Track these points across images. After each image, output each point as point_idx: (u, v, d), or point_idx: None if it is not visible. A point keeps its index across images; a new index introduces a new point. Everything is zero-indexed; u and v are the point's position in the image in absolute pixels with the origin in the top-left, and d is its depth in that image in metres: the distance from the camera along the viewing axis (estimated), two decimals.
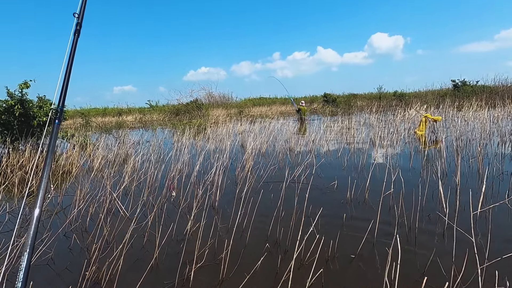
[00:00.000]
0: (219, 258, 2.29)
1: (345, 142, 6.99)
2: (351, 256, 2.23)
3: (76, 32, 1.54)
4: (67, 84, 1.49)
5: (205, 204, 3.42)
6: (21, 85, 6.89)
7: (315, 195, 3.58)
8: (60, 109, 1.46)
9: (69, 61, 1.51)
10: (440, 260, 2.09)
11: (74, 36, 1.53)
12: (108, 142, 8.30)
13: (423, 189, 3.50)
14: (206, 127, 12.15)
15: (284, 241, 2.50)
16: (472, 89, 18.79)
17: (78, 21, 1.55)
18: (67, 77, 1.50)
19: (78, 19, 1.56)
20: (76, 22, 1.55)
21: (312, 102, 24.68)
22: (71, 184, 4.48)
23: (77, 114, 18.08)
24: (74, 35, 1.53)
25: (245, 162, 5.10)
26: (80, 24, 1.56)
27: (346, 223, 2.80)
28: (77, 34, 1.55)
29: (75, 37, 1.53)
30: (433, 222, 2.71)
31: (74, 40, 1.53)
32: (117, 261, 2.22)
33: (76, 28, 1.55)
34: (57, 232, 2.87)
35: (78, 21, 1.55)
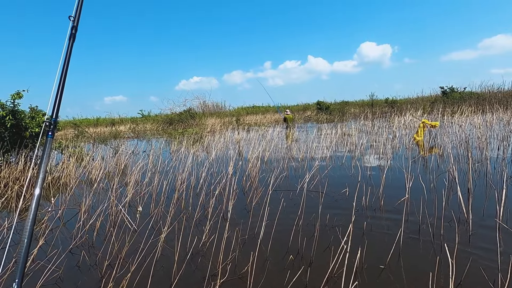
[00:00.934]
0: (241, 272, 2.18)
1: (348, 149, 6.98)
2: (381, 266, 2.15)
3: (71, 36, 1.42)
4: (61, 93, 1.36)
5: (215, 215, 3.30)
6: (13, 96, 6.68)
7: (328, 203, 3.50)
8: (53, 120, 1.34)
9: (64, 68, 1.38)
10: (473, 270, 2.03)
11: (69, 41, 1.41)
12: (103, 152, 8.08)
13: (437, 195, 3.47)
14: (202, 136, 12.01)
15: (306, 252, 2.40)
16: (460, 96, 19.28)
17: (73, 25, 1.43)
18: (62, 85, 1.37)
19: (74, 22, 1.43)
20: (72, 26, 1.42)
21: (305, 109, 24.86)
22: (70, 197, 4.27)
23: (69, 124, 17.64)
24: (69, 40, 1.41)
25: (250, 171, 5.00)
26: (76, 27, 1.44)
27: (367, 231, 2.72)
28: (72, 39, 1.42)
29: (70, 42, 1.40)
30: (454, 229, 2.66)
31: (69, 45, 1.40)
32: (132, 279, 2.08)
33: (72, 32, 1.42)
34: (63, 249, 2.70)
35: (74, 24, 1.43)
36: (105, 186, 5.05)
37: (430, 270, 1.91)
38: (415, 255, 2.31)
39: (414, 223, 2.80)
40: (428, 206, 3.07)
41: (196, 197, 4.02)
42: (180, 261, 2.32)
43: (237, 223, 3.10)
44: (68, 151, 7.32)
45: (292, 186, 4.31)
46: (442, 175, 4.26)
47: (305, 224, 2.94)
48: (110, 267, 2.34)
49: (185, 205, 3.75)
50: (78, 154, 7.21)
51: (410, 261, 2.21)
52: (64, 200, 4.10)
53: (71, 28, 1.42)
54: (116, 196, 3.56)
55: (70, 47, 1.41)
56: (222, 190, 3.98)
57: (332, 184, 4.29)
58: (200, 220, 3.28)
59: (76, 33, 1.44)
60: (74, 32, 1.43)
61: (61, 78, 1.37)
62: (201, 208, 3.55)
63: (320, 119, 18.57)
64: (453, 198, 3.39)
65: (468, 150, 5.22)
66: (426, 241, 2.48)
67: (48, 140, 1.31)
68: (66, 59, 1.39)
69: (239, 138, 10.29)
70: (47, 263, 2.32)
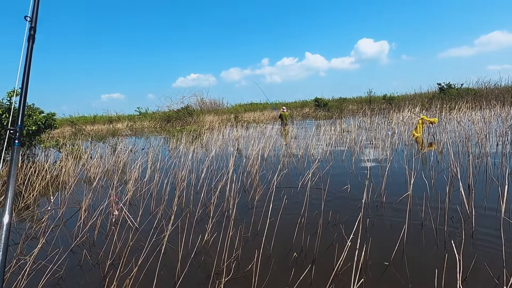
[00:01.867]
0: (245, 270, 2.16)
1: (347, 145, 6.98)
2: (385, 263, 2.14)
3: (30, 37, 1.32)
4: (25, 98, 1.26)
5: (217, 213, 3.28)
6: (9, 93, 6.59)
7: (330, 200, 3.50)
8: (19, 128, 1.23)
9: (25, 71, 1.27)
10: (478, 266, 2.03)
11: (28, 42, 1.31)
12: (101, 150, 8.02)
13: (438, 191, 3.48)
14: (200, 133, 11.96)
15: (310, 250, 2.39)
16: (458, 92, 19.35)
17: (31, 25, 1.34)
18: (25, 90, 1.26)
19: (31, 23, 1.34)
20: (30, 27, 1.33)
21: (303, 106, 24.84)
22: (69, 196, 4.23)
23: (66, 122, 17.51)
24: (28, 42, 1.31)
25: (250, 168, 4.98)
26: (34, 28, 1.34)
27: (370, 228, 2.72)
28: (31, 40, 1.33)
29: (29, 44, 1.31)
30: (457, 225, 2.67)
31: (29, 47, 1.31)
32: (136, 278, 2.06)
33: (30, 33, 1.33)
34: (64, 248, 2.67)
35: (32, 25, 1.34)
36: (104, 184, 5.01)
37: (434, 266, 1.91)
38: (419, 251, 2.31)
39: (417, 219, 2.80)
40: (430, 203, 3.08)
41: (197, 194, 4.00)
42: (183, 260, 2.30)
43: (240, 220, 3.09)
44: (65, 149, 7.26)
45: (293, 183, 4.30)
46: (442, 172, 4.27)
47: (308, 222, 2.93)
48: (113, 266, 2.32)
49: (186, 203, 3.73)
50: (76, 152, 7.15)
51: (414, 257, 2.21)
52: (64, 199, 4.06)
53: (29, 29, 1.33)
54: (117, 194, 3.53)
55: (30, 50, 1.32)
56: (223, 187, 3.96)
57: (333, 181, 4.28)
58: (202, 218, 3.27)
59: (35, 34, 1.35)
60: (33, 33, 1.34)
61: (23, 82, 1.26)
62: (203, 206, 3.54)
63: (318, 116, 18.57)
64: (454, 194, 3.39)
65: (468, 146, 5.24)
66: (429, 237, 2.48)
67: (15, 148, 1.20)
68: (27, 62, 1.30)
69: (238, 135, 10.26)
70: (48, 263, 2.29)
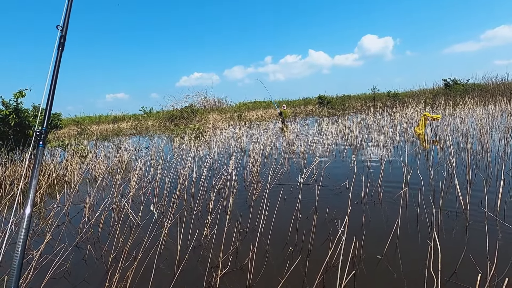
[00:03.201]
0: (242, 263, 2.24)
1: (348, 142, 7.00)
2: (378, 257, 2.20)
3: (60, 46, 1.40)
4: (51, 103, 1.33)
5: (216, 209, 3.36)
6: (16, 94, 6.74)
7: (328, 196, 3.55)
8: (44, 130, 1.31)
9: (53, 78, 1.34)
10: (467, 258, 2.08)
11: (58, 50, 1.39)
12: (106, 150, 8.16)
13: (435, 187, 3.51)
14: (204, 132, 12.07)
15: (306, 244, 2.46)
16: (463, 88, 19.16)
17: (62, 34, 1.41)
18: (52, 95, 1.33)
19: (62, 32, 1.42)
20: (60, 35, 1.41)
21: (307, 104, 24.82)
22: (75, 194, 4.35)
23: (71, 122, 17.79)
24: (58, 49, 1.39)
25: (251, 165, 5.05)
26: (64, 37, 1.42)
27: (366, 223, 2.77)
28: (61, 48, 1.40)
29: (59, 52, 1.39)
30: (452, 219, 2.70)
31: (58, 55, 1.39)
32: (137, 271, 2.15)
33: (60, 41, 1.40)
34: (70, 243, 2.77)
35: (62, 33, 1.42)
36: (109, 182, 5.13)
37: (426, 260, 1.95)
38: (412, 245, 2.35)
39: (413, 215, 2.84)
40: (427, 198, 3.11)
41: (198, 191, 4.09)
42: (182, 254, 2.39)
43: (238, 216, 3.16)
44: (71, 149, 7.41)
45: (292, 180, 4.36)
46: (441, 168, 4.29)
47: (305, 217, 2.99)
48: (116, 260, 2.41)
49: (187, 199, 3.82)
50: (82, 151, 7.30)
51: (407, 251, 2.26)
52: (69, 197, 4.18)
53: (60, 38, 1.41)
54: (119, 192, 3.63)
55: (59, 57, 1.39)
56: (223, 184, 4.04)
57: (332, 178, 4.33)
58: (202, 214, 3.35)
59: (64, 42, 1.42)
60: (62, 42, 1.41)
61: (51, 87, 1.33)
62: (203, 202, 3.62)
63: (322, 113, 18.55)
64: (452, 190, 3.42)
65: (468, 142, 5.23)
66: (424, 232, 2.53)
67: (39, 149, 1.27)
68: (56, 68, 1.36)
69: (241, 133, 10.34)
70: (55, 257, 2.39)
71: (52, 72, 1.35)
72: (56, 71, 1.36)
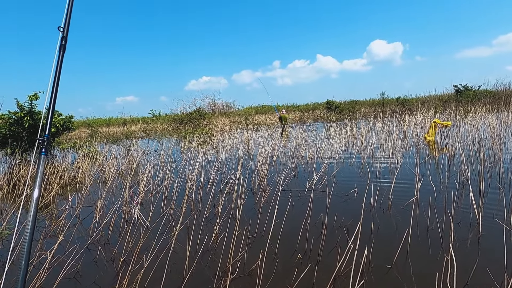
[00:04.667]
0: (250, 269, 2.24)
1: (357, 149, 6.95)
2: (387, 266, 2.17)
3: (61, 47, 1.37)
4: (53, 107, 1.29)
5: (224, 214, 3.37)
6: (30, 97, 6.92)
7: (336, 203, 3.53)
8: (46, 137, 1.25)
9: (55, 80, 1.30)
10: (479, 269, 2.04)
11: (59, 52, 1.36)
12: (116, 152, 8.28)
13: (446, 195, 3.45)
14: (211, 136, 12.14)
15: (314, 252, 2.45)
16: (475, 94, 18.82)
17: (63, 35, 1.38)
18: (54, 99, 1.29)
19: (64, 33, 1.38)
20: (61, 37, 1.37)
21: (314, 109, 24.75)
22: (85, 195, 4.43)
23: (82, 124, 18.14)
24: (59, 51, 1.36)
25: (259, 170, 5.06)
26: (65, 38, 1.38)
27: (375, 231, 2.75)
28: (62, 50, 1.37)
29: (60, 53, 1.36)
30: (464, 230, 2.65)
31: (60, 57, 1.35)
32: (146, 274, 2.18)
33: (61, 43, 1.37)
34: (81, 245, 2.82)
35: (64, 35, 1.38)
36: (119, 184, 5.20)
37: (438, 270, 1.93)
38: (423, 255, 2.32)
39: (423, 224, 2.80)
40: (438, 207, 3.07)
41: (206, 196, 4.12)
42: (191, 258, 2.40)
43: (246, 221, 3.17)
44: (82, 151, 7.55)
45: (300, 186, 4.35)
46: (453, 176, 4.22)
47: (313, 224, 2.98)
48: (125, 263, 2.44)
49: (195, 203, 3.85)
50: (92, 153, 7.43)
51: (418, 261, 2.23)
52: (80, 199, 4.26)
53: (61, 39, 1.37)
54: (130, 195, 3.68)
55: (61, 58, 1.35)
56: (231, 189, 4.05)
57: (340, 185, 4.31)
58: (210, 218, 3.37)
59: (66, 43, 1.38)
60: (64, 43, 1.38)
61: (52, 92, 1.29)
62: (211, 207, 3.64)
63: (330, 118, 18.47)
64: (464, 199, 3.36)
65: (481, 150, 5.13)
66: (435, 242, 2.49)
67: (42, 158, 1.23)
68: (57, 71, 1.32)
69: (248, 138, 10.37)
70: (66, 258, 2.44)
71: (54, 75, 1.31)
72: (57, 74, 1.33)
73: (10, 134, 6.91)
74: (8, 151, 6.93)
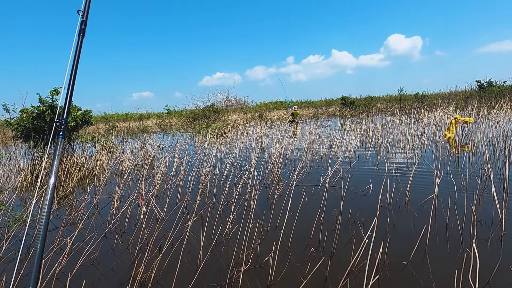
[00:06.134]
0: (263, 261, 2.24)
1: (373, 145, 6.80)
2: (403, 262, 2.12)
3: (81, 31, 1.33)
4: (71, 92, 1.26)
5: (238, 206, 3.39)
6: (52, 92, 7.16)
7: (351, 199, 3.47)
8: (64, 120, 1.23)
9: (74, 65, 1.28)
10: (502, 268, 1.95)
11: (78, 36, 1.32)
12: (132, 146, 8.48)
13: (468, 193, 3.33)
14: (225, 131, 12.21)
15: (328, 246, 2.42)
16: (499, 90, 17.98)
17: (83, 19, 1.34)
18: (72, 84, 1.26)
19: (83, 17, 1.35)
20: (81, 21, 1.34)
21: (329, 105, 24.41)
22: (103, 187, 4.57)
23: (101, 119, 18.66)
24: (78, 36, 1.32)
25: (272, 165, 5.05)
26: (85, 22, 1.35)
27: (390, 227, 2.68)
28: (82, 34, 1.33)
29: (79, 38, 1.32)
30: (486, 228, 2.55)
31: (79, 41, 1.31)
32: (161, 263, 2.22)
33: (81, 27, 1.33)
34: (99, 234, 2.92)
35: (83, 19, 1.35)
36: (134, 177, 5.33)
37: (457, 268, 1.86)
38: (442, 253, 2.25)
39: (442, 221, 2.71)
40: (458, 205, 2.96)
41: (220, 189, 4.15)
42: (205, 249, 2.43)
43: (260, 215, 3.17)
44: (100, 144, 7.78)
45: (314, 181, 4.31)
46: (474, 173, 4.06)
47: (327, 219, 2.95)
48: (141, 252, 2.50)
49: (209, 196, 3.89)
50: (110, 147, 7.64)
51: (436, 258, 2.16)
52: (98, 189, 4.39)
53: (81, 23, 1.34)
54: (145, 187, 3.76)
55: (80, 43, 1.32)
56: (245, 183, 4.06)
57: (355, 180, 4.23)
58: (224, 211, 3.39)
59: (85, 28, 1.35)
60: (83, 27, 1.34)
61: (71, 76, 1.27)
62: (225, 200, 3.66)
63: (344, 114, 18.17)
64: (486, 197, 3.23)
65: (507, 148, 4.90)
66: (455, 240, 2.40)
67: (60, 141, 1.22)
68: (76, 55, 1.29)
69: (262, 133, 10.36)
70: (85, 245, 2.52)
71: (73, 60, 1.28)
72: (76, 59, 1.30)
73: (33, 128, 7.20)
74: (31, 144, 7.24)
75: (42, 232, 1.09)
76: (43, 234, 1.09)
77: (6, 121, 8.30)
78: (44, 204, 1.14)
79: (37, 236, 1.07)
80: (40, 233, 1.08)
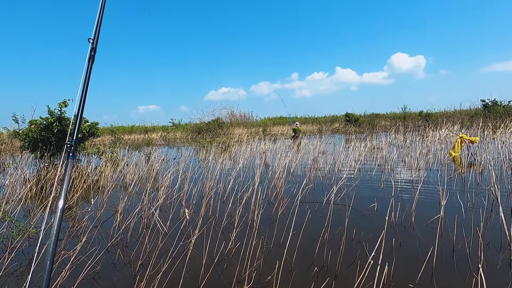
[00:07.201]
0: (266, 280, 2.21)
1: (377, 162, 6.77)
2: (410, 285, 2.07)
3: (90, 58, 1.43)
4: (81, 115, 1.36)
5: (241, 223, 3.36)
6: (60, 104, 7.32)
7: (355, 218, 3.43)
8: (74, 142, 1.33)
9: (84, 90, 1.37)
10: None
11: (88, 62, 1.42)
12: (137, 159, 8.53)
13: (474, 215, 3.28)
14: (229, 145, 12.26)
15: (332, 266, 2.38)
16: (505, 109, 17.94)
17: (93, 47, 1.45)
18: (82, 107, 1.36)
19: (93, 45, 1.45)
20: (91, 48, 1.44)
21: (333, 121, 24.49)
22: (107, 199, 4.58)
23: (106, 131, 18.90)
24: (88, 62, 1.42)
25: (276, 181, 5.03)
26: (94, 49, 1.45)
27: (396, 248, 2.64)
28: (91, 61, 1.43)
29: (89, 64, 1.42)
30: (494, 251, 2.50)
31: (89, 67, 1.42)
32: (163, 279, 2.19)
33: (91, 54, 1.43)
34: (101, 247, 2.90)
35: (93, 46, 1.45)
36: (138, 190, 5.34)
37: None
38: (449, 276, 2.20)
39: (448, 243, 2.66)
40: (465, 226, 2.91)
41: (223, 204, 4.13)
42: (207, 265, 2.41)
43: (263, 232, 3.14)
44: (105, 156, 7.85)
45: (318, 198, 4.27)
46: (481, 194, 4.01)
47: (331, 237, 2.91)
48: (143, 267, 2.48)
49: (213, 211, 3.87)
50: (115, 159, 7.70)
51: (443, 281, 2.11)
52: (102, 202, 4.39)
53: (90, 50, 1.43)
54: (149, 200, 3.77)
55: (90, 69, 1.41)
56: (248, 199, 4.05)
57: (360, 198, 4.19)
58: (227, 227, 3.37)
59: (95, 54, 1.45)
60: (93, 54, 1.44)
61: (81, 100, 1.36)
62: (228, 216, 3.64)
63: (349, 131, 18.18)
64: (494, 219, 3.17)
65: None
66: (462, 263, 2.35)
67: (69, 162, 1.30)
68: (86, 80, 1.40)
69: (266, 148, 10.38)
70: (87, 259, 2.51)
71: (83, 85, 1.39)
72: (86, 83, 1.40)
73: (40, 139, 7.32)
74: (38, 155, 7.33)
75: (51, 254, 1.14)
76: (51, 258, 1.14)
77: (15, 132, 8.47)
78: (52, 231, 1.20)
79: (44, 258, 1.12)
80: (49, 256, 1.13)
